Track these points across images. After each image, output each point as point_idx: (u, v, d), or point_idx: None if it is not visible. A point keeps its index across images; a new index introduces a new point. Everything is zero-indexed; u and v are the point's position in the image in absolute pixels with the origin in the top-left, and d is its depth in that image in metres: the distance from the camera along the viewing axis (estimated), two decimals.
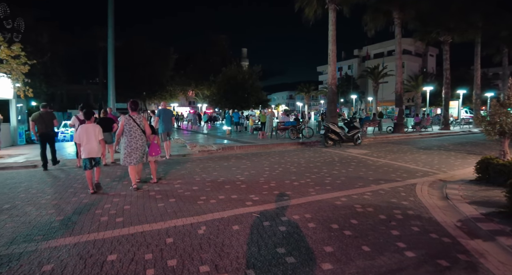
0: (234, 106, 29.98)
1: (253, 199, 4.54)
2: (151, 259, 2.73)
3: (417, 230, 3.40)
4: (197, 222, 3.65)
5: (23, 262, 2.73)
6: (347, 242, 3.07)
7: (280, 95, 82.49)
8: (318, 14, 15.97)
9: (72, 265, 2.64)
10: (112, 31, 12.71)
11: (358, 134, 11.82)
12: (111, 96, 12.89)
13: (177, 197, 4.74)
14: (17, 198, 4.79)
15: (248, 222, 3.61)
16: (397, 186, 5.36)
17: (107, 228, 3.51)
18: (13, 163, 7.68)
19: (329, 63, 15.19)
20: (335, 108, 15.57)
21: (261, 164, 7.68)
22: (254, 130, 17.72)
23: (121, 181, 5.94)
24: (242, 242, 3.05)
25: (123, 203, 4.46)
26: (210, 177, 6.14)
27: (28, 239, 3.22)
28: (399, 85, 17.96)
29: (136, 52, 32.62)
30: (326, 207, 4.16)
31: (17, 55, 8.48)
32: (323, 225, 3.51)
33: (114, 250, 2.91)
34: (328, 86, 15.78)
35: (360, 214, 3.92)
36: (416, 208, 4.17)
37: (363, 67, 48.05)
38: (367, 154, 9.44)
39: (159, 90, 35.77)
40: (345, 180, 5.84)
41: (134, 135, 5.15)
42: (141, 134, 5.22)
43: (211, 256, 2.77)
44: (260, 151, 10.48)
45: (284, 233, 3.27)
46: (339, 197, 4.66)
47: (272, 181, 5.70)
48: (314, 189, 5.15)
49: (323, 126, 11.62)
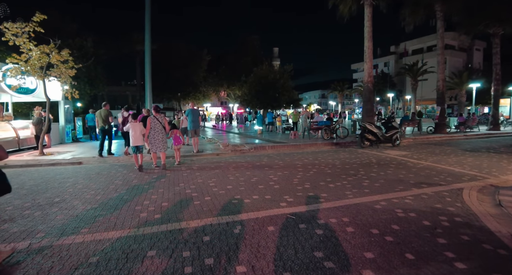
0: (265, 106, 29.99)
1: (288, 200, 4.48)
2: (189, 257, 2.77)
3: (467, 239, 3.13)
4: (232, 221, 3.66)
5: (72, 253, 2.90)
6: (388, 249, 2.91)
7: (312, 94, 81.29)
8: (353, 10, 15.44)
9: (115, 259, 2.76)
10: (149, 35, 13.25)
11: (396, 135, 11.25)
12: (148, 97, 13.45)
13: (212, 196, 4.80)
14: (66, 192, 5.14)
15: (283, 223, 3.55)
16: (441, 191, 5.01)
17: (146, 224, 3.64)
18: (61, 160, 8.29)
19: (365, 60, 14.64)
20: (371, 107, 14.98)
21: (294, 164, 7.57)
22: (285, 130, 17.59)
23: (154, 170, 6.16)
24: (278, 244, 3.00)
25: (161, 200, 4.61)
26: (243, 177, 6.17)
27: (76, 231, 3.43)
28: (441, 82, 16.86)
29: (172, 55, 33.88)
30: (364, 211, 3.98)
31: (66, 60, 9.13)
32: (362, 229, 3.36)
33: (153, 246, 3.01)
34: (364, 84, 15.22)
35: (401, 219, 3.70)
36: (464, 215, 3.85)
37: (401, 64, 45.75)
38: (406, 155, 8.95)
39: (193, 91, 36.83)
40: (384, 183, 5.57)
41: (156, 130, 7.12)
42: (161, 129, 7.19)
43: (248, 257, 2.75)
44: (293, 151, 10.35)
45: (321, 237, 3.17)
46: (378, 200, 4.45)
47: (306, 183, 5.59)
48: (351, 191, 4.96)
49: (359, 126, 11.20)
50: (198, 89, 37.92)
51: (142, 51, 26.23)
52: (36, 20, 8.44)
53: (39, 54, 8.59)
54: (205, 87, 39.84)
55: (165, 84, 32.79)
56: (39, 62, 8.73)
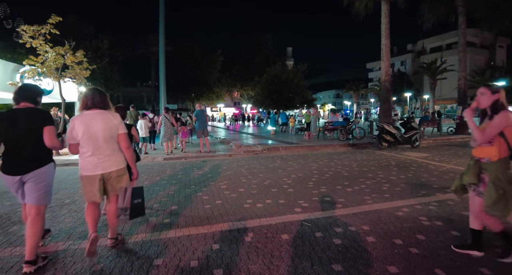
0: (279, 106, 29.73)
1: (302, 206, 4.24)
2: (197, 267, 2.59)
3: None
4: (244, 227, 3.47)
5: (76, 259, 2.78)
6: (415, 263, 2.63)
7: (326, 94, 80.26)
8: (369, 7, 14.97)
9: (119, 267, 2.62)
10: (163, 37, 13.30)
11: (416, 136, 10.77)
12: (162, 97, 13.51)
13: (224, 199, 4.63)
14: (76, 193, 5.09)
15: (298, 231, 3.33)
16: (468, 197, 4.63)
17: (154, 229, 3.49)
18: (75, 160, 8.33)
19: (382, 58, 14.16)
20: (389, 107, 14.47)
21: (309, 166, 7.31)
22: (299, 131, 17.28)
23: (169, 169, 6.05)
24: (293, 254, 2.78)
25: (171, 203, 4.47)
26: (256, 179, 5.97)
27: (83, 236, 3.31)
28: (462, 81, 16.11)
29: (186, 55, 34.12)
30: (386, 218, 3.70)
31: (80, 61, 9.21)
32: (385, 239, 3.09)
33: (160, 254, 2.85)
34: (381, 83, 14.76)
35: (427, 228, 3.40)
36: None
37: (418, 62, 44.38)
38: (427, 157, 8.51)
39: (206, 91, 36.96)
40: (405, 187, 5.24)
41: (166, 126, 9.35)
42: (170, 125, 9.41)
43: (260, 268, 2.55)
44: (307, 152, 10.07)
45: (340, 247, 2.93)
46: (400, 207, 4.15)
47: (322, 186, 5.33)
48: (371, 196, 4.67)
49: (377, 127, 10.79)
50: (212, 89, 38.03)
51: (156, 52, 26.48)
52: (52, 22, 8.54)
53: (54, 55, 8.69)
54: (218, 87, 39.89)
55: (179, 85, 33.04)
56: (55, 64, 8.83)
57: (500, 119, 2.46)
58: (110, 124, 2.79)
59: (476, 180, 2.67)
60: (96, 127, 2.73)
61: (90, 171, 2.74)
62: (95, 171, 2.74)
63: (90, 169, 2.74)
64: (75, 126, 2.73)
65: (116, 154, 2.85)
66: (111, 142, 2.82)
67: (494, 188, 2.47)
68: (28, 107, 2.66)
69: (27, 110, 2.64)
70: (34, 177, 2.60)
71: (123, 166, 2.92)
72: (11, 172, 2.58)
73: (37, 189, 2.61)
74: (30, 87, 2.85)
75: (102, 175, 2.78)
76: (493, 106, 2.56)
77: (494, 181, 2.49)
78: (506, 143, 2.47)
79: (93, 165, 2.74)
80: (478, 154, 2.64)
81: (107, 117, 2.80)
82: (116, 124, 2.83)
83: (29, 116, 2.61)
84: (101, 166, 2.76)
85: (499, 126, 2.46)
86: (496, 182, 2.47)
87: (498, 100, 2.55)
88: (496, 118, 2.49)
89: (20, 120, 2.58)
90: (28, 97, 2.70)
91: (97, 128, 2.73)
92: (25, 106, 2.66)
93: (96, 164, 2.74)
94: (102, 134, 2.74)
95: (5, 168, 2.59)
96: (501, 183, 2.46)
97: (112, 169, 2.81)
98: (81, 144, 2.76)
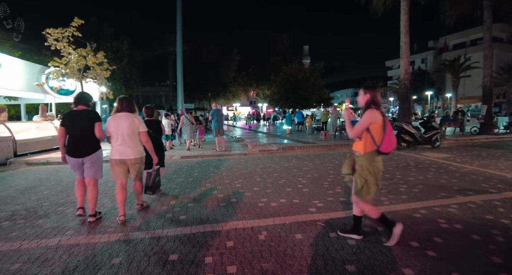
0: (295, 105, 29.54)
1: (317, 206, 4.22)
2: (211, 263, 2.65)
3: None
4: (257, 226, 3.50)
5: (96, 252, 2.90)
6: (431, 266, 2.57)
7: (344, 93, 78.84)
8: (388, 3, 14.62)
9: (137, 261, 2.71)
10: (181, 37, 13.52)
11: (437, 136, 10.42)
12: (180, 97, 13.76)
13: (238, 198, 4.68)
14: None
15: (312, 231, 3.32)
16: (491, 199, 4.47)
17: (171, 225, 3.58)
18: None
19: (401, 56, 13.79)
20: (408, 106, 14.08)
21: (325, 166, 7.25)
22: (315, 130, 17.14)
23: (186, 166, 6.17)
24: (306, 254, 2.79)
25: (187, 201, 4.57)
26: (271, 178, 5.99)
27: (102, 231, 3.44)
28: (488, 78, 15.44)
29: (203, 55, 34.48)
30: (402, 219, 3.61)
31: (101, 62, 9.53)
32: (400, 241, 3.03)
33: (176, 250, 2.92)
34: (400, 82, 14.37)
35: (445, 231, 3.31)
36: None
37: (440, 60, 42.84)
38: (448, 158, 8.24)
39: (222, 91, 37.23)
40: (423, 188, 5.10)
41: (186, 124, 10.15)
42: (190, 124, 10.21)
43: (273, 267, 2.57)
44: (323, 152, 9.99)
45: (354, 248, 2.91)
46: (417, 208, 4.05)
47: (337, 187, 5.27)
48: (387, 197, 4.58)
49: (396, 126, 10.53)
50: (228, 89, 38.26)
51: (174, 52, 26.96)
52: (75, 25, 8.87)
53: (77, 57, 9.03)
54: (234, 86, 40.09)
55: (196, 84, 33.45)
56: (77, 65, 9.18)
57: (366, 117, 2.78)
58: (132, 123, 3.67)
59: (350, 171, 3.00)
60: (123, 125, 3.63)
61: (116, 156, 3.66)
62: (119, 157, 3.65)
63: (116, 154, 3.66)
64: (110, 124, 3.66)
65: (136, 146, 3.72)
66: (133, 137, 3.69)
67: (359, 177, 2.85)
68: (83, 109, 3.69)
69: (83, 111, 3.67)
70: (91, 159, 3.66)
71: (140, 156, 3.78)
72: (75, 156, 3.61)
73: (93, 167, 3.68)
74: (84, 95, 3.82)
75: (124, 160, 3.66)
76: (366, 105, 2.88)
77: (359, 172, 2.86)
78: (371, 138, 2.78)
79: (118, 152, 3.65)
80: (353, 147, 2.98)
81: (131, 118, 3.69)
82: (137, 124, 3.72)
83: (84, 116, 3.64)
84: (124, 153, 3.65)
85: (364, 123, 2.78)
86: (361, 172, 2.83)
87: (369, 99, 2.86)
88: (363, 116, 2.83)
89: (79, 118, 3.61)
90: (83, 101, 3.72)
91: (123, 126, 3.63)
92: (81, 109, 3.68)
93: (121, 152, 3.64)
94: (126, 130, 3.62)
95: (71, 153, 3.61)
96: (364, 173, 2.81)
97: (131, 157, 3.68)
98: (112, 137, 3.67)
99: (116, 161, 3.66)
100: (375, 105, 2.82)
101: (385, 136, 2.73)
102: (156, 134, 4.83)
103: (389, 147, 2.76)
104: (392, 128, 2.82)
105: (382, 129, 2.75)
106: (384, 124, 2.76)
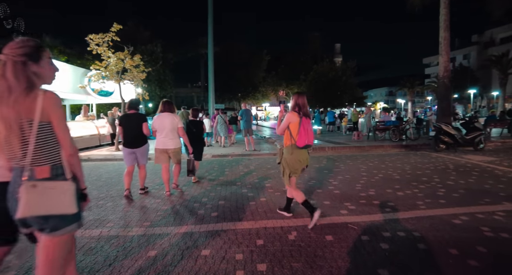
0: (326, 105, 28.99)
1: (349, 208, 4.12)
2: (241, 260, 2.69)
3: None
4: (287, 226, 3.49)
5: (134, 244, 3.06)
6: None
7: (378, 92, 75.99)
8: None
9: (171, 254, 2.82)
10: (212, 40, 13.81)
11: (480, 137, 9.68)
12: (211, 97, 14.07)
13: (268, 197, 4.70)
14: (133, 185, 5.54)
15: (343, 233, 3.25)
16: None
17: (203, 221, 3.69)
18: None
19: (440, 53, 13.00)
20: (448, 105, 13.24)
21: (357, 168, 7.04)
22: (347, 131, 16.70)
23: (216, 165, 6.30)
24: (337, 256, 2.74)
25: (218, 198, 4.67)
26: (300, 179, 5.91)
27: (139, 224, 3.63)
28: None
29: (233, 56, 35.00)
30: (440, 225, 3.43)
31: (137, 65, 10.00)
32: (438, 248, 2.87)
33: (208, 245, 3.00)
34: (438, 80, 13.59)
35: (489, 240, 3.07)
36: None
37: (485, 55, 39.74)
38: (493, 162, 7.64)
39: (252, 91, 37.51)
40: (464, 193, 4.78)
41: (220, 123, 10.81)
42: (223, 123, 10.88)
43: (302, 267, 2.56)
44: (356, 153, 9.71)
45: (387, 252, 2.80)
46: (457, 214, 3.80)
47: (370, 189, 5.11)
48: (424, 202, 4.35)
49: (433, 127, 9.93)
50: (258, 89, 38.45)
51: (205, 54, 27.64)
52: (114, 30, 9.40)
53: (115, 60, 9.56)
54: (264, 87, 40.21)
55: (226, 85, 34.02)
56: (116, 68, 9.71)
57: (286, 117, 3.46)
58: (173, 121, 4.76)
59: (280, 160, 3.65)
60: (165, 122, 4.73)
61: (160, 146, 4.79)
62: (162, 147, 4.78)
63: (160, 145, 4.78)
64: (155, 121, 4.76)
65: (174, 139, 4.82)
66: (173, 132, 4.78)
67: (282, 166, 3.56)
68: (134, 112, 4.83)
69: (134, 114, 4.81)
70: (141, 151, 4.76)
71: (178, 146, 4.88)
72: (129, 147, 4.70)
73: (143, 157, 4.83)
74: (134, 101, 4.94)
75: (166, 149, 4.78)
76: (291, 107, 3.53)
77: (281, 161, 3.57)
78: (290, 134, 3.44)
79: (162, 143, 4.78)
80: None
81: (172, 117, 4.79)
82: (176, 121, 4.79)
83: (135, 117, 4.76)
84: (165, 144, 4.77)
85: (285, 122, 3.47)
86: (282, 162, 3.55)
87: (293, 103, 3.52)
88: (285, 117, 3.48)
89: (132, 119, 4.75)
90: (134, 106, 4.86)
91: (166, 123, 4.73)
92: (133, 112, 4.81)
93: (163, 142, 4.77)
94: (168, 126, 4.72)
95: (126, 145, 4.72)
96: (284, 162, 3.51)
97: (170, 147, 4.79)
98: (158, 131, 4.77)
99: (160, 150, 4.77)
100: (298, 108, 3.44)
101: (299, 134, 3.33)
102: (198, 132, 5.89)
103: (302, 143, 3.35)
104: (308, 127, 3.41)
105: (298, 128, 3.35)
106: (299, 124, 3.36)
